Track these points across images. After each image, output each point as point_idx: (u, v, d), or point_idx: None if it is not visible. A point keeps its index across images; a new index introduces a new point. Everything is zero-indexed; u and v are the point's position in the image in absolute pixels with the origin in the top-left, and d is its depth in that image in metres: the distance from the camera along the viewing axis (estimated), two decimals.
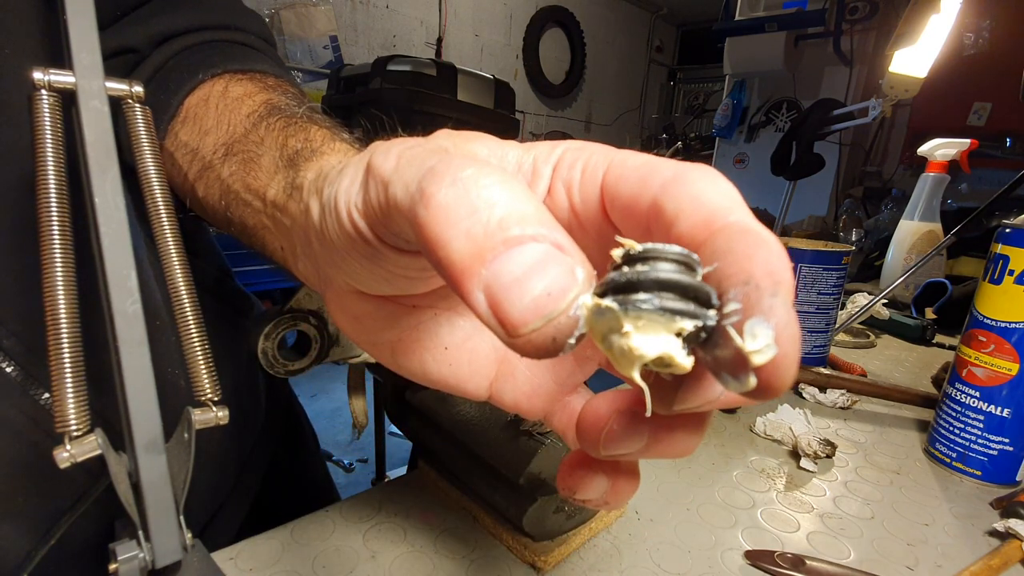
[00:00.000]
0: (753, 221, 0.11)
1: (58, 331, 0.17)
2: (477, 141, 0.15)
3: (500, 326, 0.11)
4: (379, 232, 0.14)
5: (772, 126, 2.17)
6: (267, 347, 0.33)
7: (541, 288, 0.10)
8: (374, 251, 0.15)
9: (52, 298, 0.17)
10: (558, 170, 0.15)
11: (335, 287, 0.18)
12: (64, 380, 0.17)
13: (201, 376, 0.20)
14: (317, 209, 0.17)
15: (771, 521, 0.39)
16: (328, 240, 0.16)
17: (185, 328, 0.20)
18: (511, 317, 0.10)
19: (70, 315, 0.18)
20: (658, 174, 0.12)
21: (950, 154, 1.02)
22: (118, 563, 0.19)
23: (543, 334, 0.10)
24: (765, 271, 0.10)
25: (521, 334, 0.10)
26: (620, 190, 0.13)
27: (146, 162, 0.21)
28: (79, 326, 0.18)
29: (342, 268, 0.17)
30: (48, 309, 0.17)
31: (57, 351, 0.17)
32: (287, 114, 0.26)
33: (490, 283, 0.10)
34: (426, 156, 0.12)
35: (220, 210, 0.26)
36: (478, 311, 0.11)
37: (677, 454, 0.14)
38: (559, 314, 0.10)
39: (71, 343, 0.18)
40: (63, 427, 0.17)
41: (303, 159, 0.21)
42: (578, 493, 0.16)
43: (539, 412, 0.19)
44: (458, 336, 0.19)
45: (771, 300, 0.09)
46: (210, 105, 0.29)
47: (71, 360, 0.18)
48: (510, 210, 0.11)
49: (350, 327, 0.19)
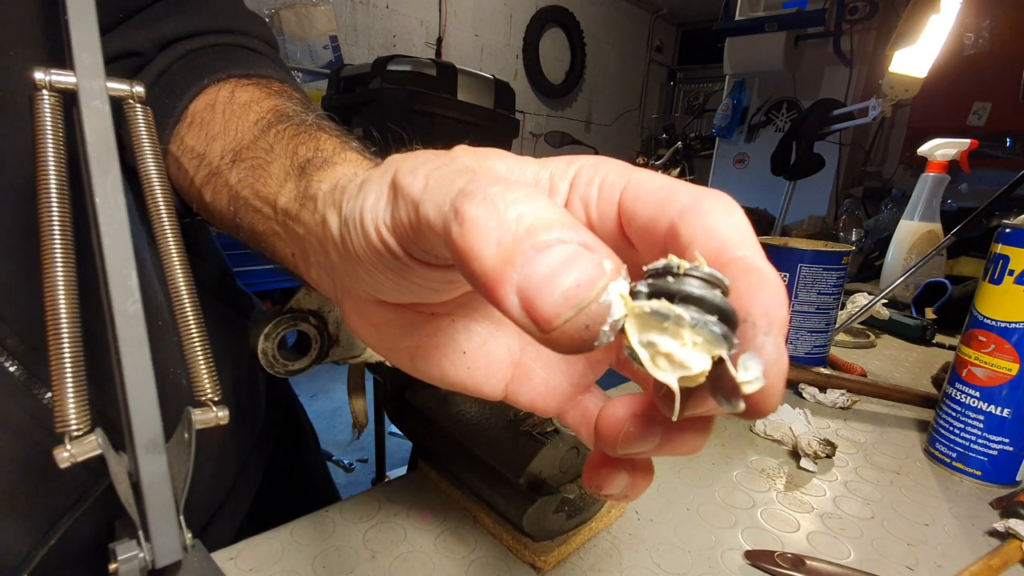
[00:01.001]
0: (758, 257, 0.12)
1: (58, 331, 0.17)
2: (496, 158, 0.16)
3: (534, 324, 0.11)
4: (408, 248, 0.15)
5: (772, 126, 2.17)
6: (267, 347, 0.33)
7: (571, 281, 0.11)
8: (402, 265, 0.15)
9: (52, 298, 0.17)
10: (575, 186, 0.15)
11: (353, 296, 0.19)
12: (64, 379, 0.17)
13: (201, 376, 0.20)
14: (336, 222, 0.17)
15: (771, 521, 0.39)
16: (351, 253, 0.17)
17: (185, 328, 0.20)
18: (544, 311, 0.11)
19: (71, 315, 0.18)
20: (676, 200, 0.13)
21: (950, 154, 1.02)
22: (118, 563, 0.19)
23: (576, 323, 0.11)
24: (762, 311, 0.11)
25: (555, 327, 0.11)
26: (638, 211, 0.14)
27: (147, 162, 0.21)
28: (80, 325, 0.18)
29: (364, 280, 0.17)
30: (48, 309, 0.17)
31: (57, 350, 0.17)
32: (296, 121, 0.26)
33: (522, 284, 0.11)
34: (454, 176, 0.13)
35: (228, 215, 0.26)
36: (512, 314, 0.11)
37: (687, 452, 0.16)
38: (590, 302, 0.11)
39: (71, 342, 0.18)
40: (63, 427, 0.17)
41: (315, 168, 0.22)
42: (604, 489, 0.17)
43: (554, 411, 0.19)
44: (475, 341, 0.19)
45: (764, 338, 0.11)
46: (216, 110, 0.29)
47: (71, 359, 0.18)
48: (537, 218, 0.11)
49: (370, 335, 0.19)
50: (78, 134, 0.18)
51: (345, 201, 0.17)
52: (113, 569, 0.19)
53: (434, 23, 3.32)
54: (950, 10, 0.96)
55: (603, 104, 4.43)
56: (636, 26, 4.47)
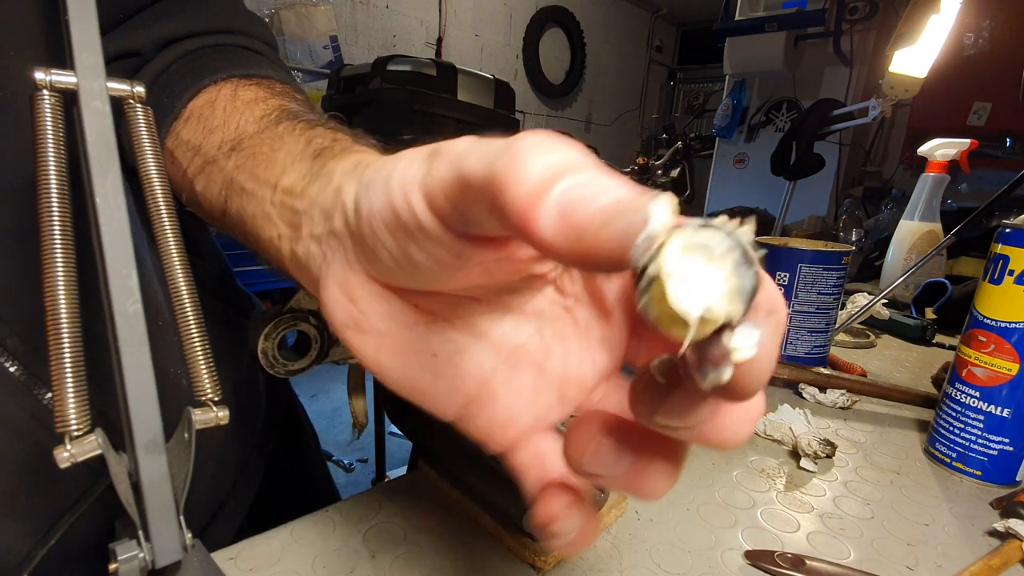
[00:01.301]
0: None
1: (58, 331, 0.17)
2: None
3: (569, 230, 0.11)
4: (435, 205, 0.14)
5: (772, 126, 2.17)
6: (267, 347, 0.33)
7: (613, 196, 0.11)
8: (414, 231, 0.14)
9: (53, 298, 0.17)
10: None
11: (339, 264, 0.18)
12: (64, 380, 0.17)
13: (202, 376, 0.20)
14: (354, 189, 0.17)
15: (771, 521, 0.39)
16: (361, 216, 0.16)
17: (186, 328, 0.20)
18: (581, 218, 0.10)
19: (71, 315, 0.18)
20: None
21: (950, 154, 1.02)
22: (118, 563, 0.19)
23: (612, 230, 0.10)
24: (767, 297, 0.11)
25: (589, 232, 0.10)
26: None
27: (147, 162, 0.21)
28: (80, 326, 0.18)
29: (365, 249, 0.16)
30: (48, 309, 0.17)
31: (57, 351, 0.17)
32: (306, 118, 0.26)
33: (566, 196, 0.11)
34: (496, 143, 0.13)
35: (218, 203, 0.26)
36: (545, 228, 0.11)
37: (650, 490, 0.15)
38: (630, 212, 0.10)
39: (71, 343, 0.18)
40: (63, 427, 0.17)
41: (334, 153, 0.22)
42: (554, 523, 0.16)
43: (507, 443, 0.19)
44: (449, 347, 0.19)
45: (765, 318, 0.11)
46: (217, 107, 0.30)
47: (71, 360, 0.18)
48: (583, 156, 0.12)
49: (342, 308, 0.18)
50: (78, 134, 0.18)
51: (370, 171, 0.17)
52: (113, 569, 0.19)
53: (434, 23, 3.32)
54: (950, 10, 0.96)
55: (603, 104, 4.43)
56: (636, 26, 4.47)
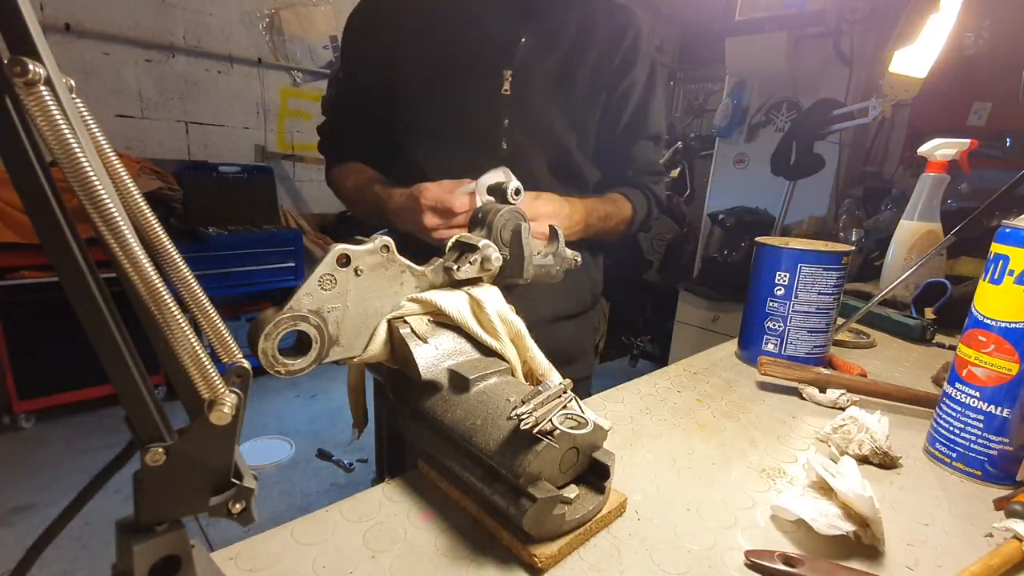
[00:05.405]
0: None
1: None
2: None
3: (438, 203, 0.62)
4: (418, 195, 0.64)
5: (772, 126, 2.16)
6: (267, 347, 0.33)
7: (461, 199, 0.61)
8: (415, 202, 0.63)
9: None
10: None
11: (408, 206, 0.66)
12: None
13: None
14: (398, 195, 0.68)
15: (771, 521, 0.39)
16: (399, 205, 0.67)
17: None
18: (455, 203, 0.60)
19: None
20: None
21: (950, 154, 1.02)
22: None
23: None
24: None
25: None
26: None
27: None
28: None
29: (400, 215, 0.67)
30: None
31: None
32: (380, 180, 0.78)
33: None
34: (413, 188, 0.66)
35: (356, 195, 0.80)
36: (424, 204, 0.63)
37: None
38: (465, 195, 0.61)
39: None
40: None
41: (389, 187, 0.72)
42: None
43: None
44: None
45: None
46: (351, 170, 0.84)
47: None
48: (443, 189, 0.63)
49: None
50: None
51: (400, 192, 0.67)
52: None
53: None
54: (950, 10, 0.96)
55: None
56: None
